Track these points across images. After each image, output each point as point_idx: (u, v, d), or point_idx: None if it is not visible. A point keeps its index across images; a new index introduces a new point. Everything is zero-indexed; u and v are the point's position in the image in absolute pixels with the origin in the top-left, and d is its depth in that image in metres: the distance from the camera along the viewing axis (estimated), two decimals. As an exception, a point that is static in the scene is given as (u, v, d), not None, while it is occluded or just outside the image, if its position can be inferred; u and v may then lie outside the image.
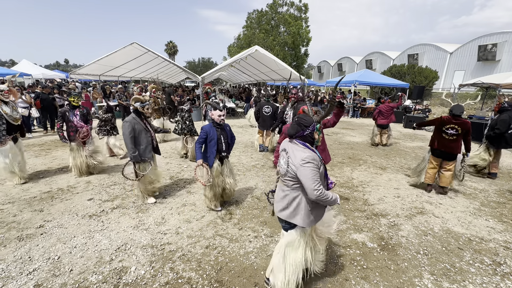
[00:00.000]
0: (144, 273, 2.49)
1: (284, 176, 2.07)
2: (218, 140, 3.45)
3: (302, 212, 2.05)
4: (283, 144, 2.18)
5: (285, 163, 2.04)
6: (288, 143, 2.11)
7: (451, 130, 4.16)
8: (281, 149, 2.18)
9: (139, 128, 3.61)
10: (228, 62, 13.92)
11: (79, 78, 13.57)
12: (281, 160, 2.12)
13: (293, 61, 29.34)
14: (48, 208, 3.62)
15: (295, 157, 1.95)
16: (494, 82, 9.50)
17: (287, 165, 2.01)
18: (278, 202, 2.17)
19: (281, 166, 2.10)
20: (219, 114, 3.43)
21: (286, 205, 2.08)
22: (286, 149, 2.09)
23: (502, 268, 2.72)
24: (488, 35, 19.19)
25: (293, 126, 2.07)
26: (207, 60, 53.50)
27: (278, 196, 2.19)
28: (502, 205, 4.21)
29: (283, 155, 2.10)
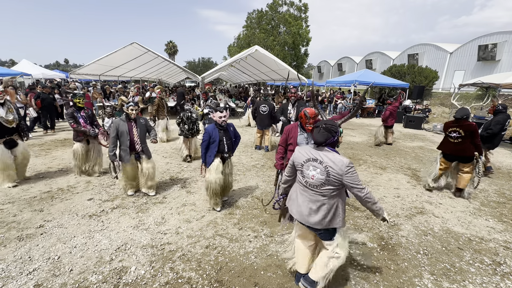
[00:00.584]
0: (144, 273, 2.49)
1: (320, 187, 1.98)
2: (220, 141, 3.45)
3: (341, 215, 2.05)
4: (307, 153, 2.06)
5: (321, 173, 1.94)
6: (317, 152, 2.01)
7: (453, 133, 4.17)
8: (303, 159, 2.05)
9: (122, 129, 3.72)
10: (228, 62, 13.92)
11: (79, 78, 13.55)
12: (310, 172, 2.00)
13: (293, 61, 29.33)
14: (48, 208, 3.62)
15: (336, 165, 1.89)
16: (494, 82, 9.50)
17: (327, 175, 1.92)
18: (312, 214, 2.04)
19: (314, 178, 1.98)
20: (219, 115, 3.41)
21: (325, 214, 2.01)
22: (317, 158, 1.98)
23: (502, 268, 2.72)
24: (488, 35, 19.18)
25: (322, 133, 1.97)
26: (207, 60, 53.52)
27: (308, 208, 2.06)
28: (502, 205, 4.22)
29: (315, 165, 1.98)
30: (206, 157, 3.50)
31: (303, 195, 2.12)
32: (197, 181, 4.79)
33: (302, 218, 2.10)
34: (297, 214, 2.14)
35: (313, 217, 2.04)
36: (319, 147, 2.02)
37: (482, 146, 5.33)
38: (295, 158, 2.14)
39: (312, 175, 1.99)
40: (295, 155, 2.14)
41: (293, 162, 2.18)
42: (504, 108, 5.12)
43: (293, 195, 2.23)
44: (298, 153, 2.12)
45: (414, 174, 5.52)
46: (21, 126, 4.35)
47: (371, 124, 12.25)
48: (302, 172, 2.07)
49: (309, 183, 2.04)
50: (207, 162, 3.50)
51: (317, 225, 2.03)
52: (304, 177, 2.07)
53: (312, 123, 3.02)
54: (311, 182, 2.02)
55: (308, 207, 2.06)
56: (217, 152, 3.49)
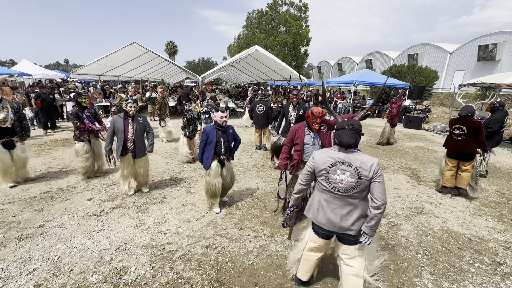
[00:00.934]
0: (144, 273, 2.49)
1: (351, 191, 1.87)
2: (217, 143, 3.41)
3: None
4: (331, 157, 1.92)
5: (351, 176, 1.85)
6: (344, 154, 1.90)
7: (457, 130, 4.16)
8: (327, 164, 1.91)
9: (118, 126, 3.78)
10: (228, 62, 13.92)
11: (79, 78, 13.55)
12: (338, 176, 1.88)
13: (293, 61, 29.33)
14: (48, 208, 3.62)
15: (366, 165, 1.82)
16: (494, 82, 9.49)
17: (358, 177, 1.83)
18: (344, 220, 1.93)
19: (344, 182, 1.87)
20: (221, 115, 3.38)
21: (358, 217, 1.92)
22: (345, 161, 1.87)
23: (502, 268, 2.72)
24: (488, 35, 19.19)
25: (351, 134, 1.87)
26: (207, 60, 53.50)
27: (339, 215, 1.94)
28: (502, 205, 4.21)
29: (343, 168, 1.87)
30: (203, 159, 3.50)
31: (330, 202, 1.98)
32: (197, 181, 4.79)
33: (334, 226, 1.97)
34: (326, 223, 2.00)
35: (346, 223, 1.93)
36: (347, 149, 1.91)
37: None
38: (316, 164, 1.97)
39: (340, 179, 1.88)
40: (317, 160, 1.98)
41: (313, 168, 2.00)
42: (501, 106, 5.15)
43: (315, 205, 2.07)
44: (320, 158, 1.96)
45: (414, 174, 5.52)
46: (22, 126, 4.29)
47: (371, 124, 12.25)
48: (327, 178, 1.93)
49: (337, 189, 1.91)
50: (205, 165, 3.49)
51: (352, 230, 1.93)
52: (330, 183, 1.92)
53: (319, 123, 3.02)
54: (340, 187, 1.89)
55: (339, 214, 1.94)
56: (214, 154, 3.45)
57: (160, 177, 4.90)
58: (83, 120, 4.45)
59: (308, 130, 3.13)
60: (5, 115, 3.94)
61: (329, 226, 1.99)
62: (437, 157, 6.89)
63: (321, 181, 1.99)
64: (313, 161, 2.01)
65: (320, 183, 2.01)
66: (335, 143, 1.98)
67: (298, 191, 2.21)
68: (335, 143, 1.98)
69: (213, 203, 3.64)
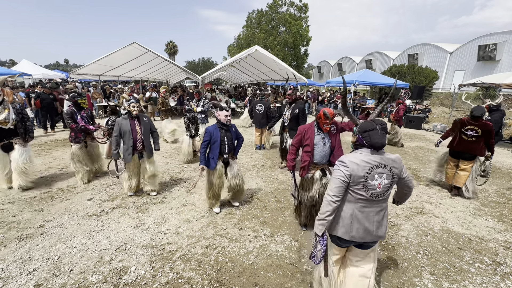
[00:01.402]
0: (144, 273, 2.49)
1: (385, 194, 1.82)
2: (222, 141, 3.39)
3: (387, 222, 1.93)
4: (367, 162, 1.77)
5: (387, 177, 1.78)
6: (377, 156, 1.80)
7: (470, 131, 4.12)
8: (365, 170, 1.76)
9: (124, 129, 3.68)
10: (228, 62, 13.93)
11: (79, 78, 13.56)
12: (376, 181, 1.77)
13: (293, 61, 29.34)
14: (48, 208, 3.62)
15: (396, 162, 1.81)
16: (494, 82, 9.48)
17: (392, 177, 1.80)
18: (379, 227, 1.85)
19: (381, 185, 1.77)
20: (225, 114, 3.36)
21: (387, 219, 1.91)
22: (381, 163, 1.78)
23: (502, 268, 2.72)
24: (488, 35, 19.19)
25: (383, 134, 1.80)
26: (207, 60, 53.48)
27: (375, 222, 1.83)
28: (502, 205, 4.21)
29: (380, 172, 1.77)
30: (207, 158, 3.42)
31: (365, 212, 1.82)
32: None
33: (370, 236, 1.85)
34: (363, 236, 1.84)
35: (381, 230, 1.86)
36: (378, 151, 1.82)
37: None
38: (353, 171, 1.76)
39: (378, 184, 1.77)
40: (353, 168, 1.76)
41: (349, 177, 1.77)
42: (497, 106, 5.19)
43: (346, 219, 1.85)
44: (356, 165, 1.77)
45: (414, 174, 5.52)
46: (25, 127, 4.08)
47: (371, 124, 12.23)
48: (366, 185, 1.77)
49: (375, 195, 1.78)
50: (210, 165, 3.41)
51: (384, 234, 1.89)
52: (368, 190, 1.77)
53: (330, 124, 2.99)
54: (377, 192, 1.78)
55: (375, 221, 1.84)
56: (219, 153, 3.42)
57: (160, 177, 4.89)
58: (76, 120, 4.34)
59: (318, 131, 3.05)
60: (5, 116, 3.80)
61: (365, 236, 1.84)
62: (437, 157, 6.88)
63: (356, 191, 1.79)
64: (348, 169, 1.77)
65: (354, 192, 1.79)
66: (365, 145, 1.83)
67: (331, 211, 1.82)
68: (365, 145, 1.83)
69: (214, 203, 3.63)
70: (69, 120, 4.33)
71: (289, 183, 4.80)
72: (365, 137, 1.81)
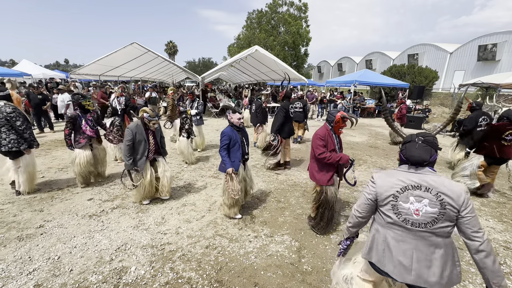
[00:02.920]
0: (144, 273, 2.49)
1: (432, 225, 1.42)
2: (242, 143, 3.30)
3: (458, 263, 1.47)
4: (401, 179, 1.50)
5: (430, 205, 1.41)
6: (418, 175, 1.47)
7: (510, 136, 4.07)
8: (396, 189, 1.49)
9: (140, 138, 3.52)
10: (228, 62, 13.93)
11: (79, 78, 13.55)
12: (412, 205, 1.44)
13: (293, 61, 29.34)
14: (48, 208, 3.62)
15: (452, 191, 1.39)
16: (494, 82, 9.50)
17: (441, 207, 1.40)
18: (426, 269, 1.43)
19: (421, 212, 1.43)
20: (238, 117, 3.29)
21: (444, 264, 1.42)
22: (421, 184, 1.44)
23: (502, 268, 2.72)
24: (488, 35, 19.19)
25: (424, 147, 1.47)
26: (207, 60, 53.49)
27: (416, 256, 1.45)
28: (502, 205, 4.21)
29: (419, 195, 1.44)
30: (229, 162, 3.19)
31: (402, 242, 1.49)
32: (197, 181, 4.79)
33: (408, 274, 1.46)
34: (398, 272, 1.49)
35: (427, 273, 1.42)
36: (418, 168, 1.49)
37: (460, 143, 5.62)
38: (380, 189, 1.54)
39: (415, 209, 1.43)
40: (379, 185, 1.55)
41: (375, 195, 1.57)
42: (478, 106, 5.39)
43: (380, 245, 1.58)
44: (385, 181, 1.54)
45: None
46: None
47: (371, 124, 12.25)
48: (396, 207, 1.49)
49: (411, 222, 1.45)
50: (235, 166, 3.22)
51: (436, 285, 1.41)
52: (400, 215, 1.48)
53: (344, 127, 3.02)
54: (414, 219, 1.44)
55: (414, 258, 1.45)
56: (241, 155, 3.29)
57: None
58: (78, 127, 4.14)
59: (333, 134, 3.03)
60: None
61: (402, 275, 1.48)
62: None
63: (386, 212, 1.54)
64: (374, 185, 1.58)
65: (385, 214, 1.55)
66: (402, 161, 1.56)
67: (354, 225, 1.74)
68: (402, 161, 1.56)
69: (236, 211, 3.46)
70: (68, 125, 4.08)
71: (289, 183, 4.80)
72: (402, 150, 1.56)
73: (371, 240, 1.65)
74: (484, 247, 1.35)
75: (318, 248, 2.93)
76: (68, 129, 4.10)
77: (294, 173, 5.38)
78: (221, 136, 3.22)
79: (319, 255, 2.82)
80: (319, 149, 2.91)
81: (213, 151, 6.81)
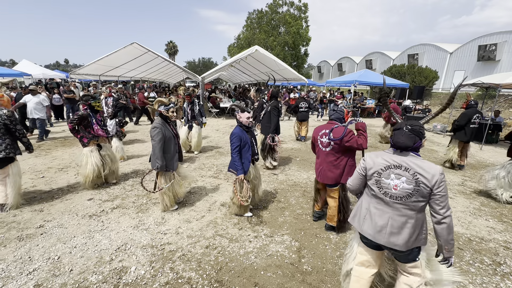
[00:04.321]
0: (144, 273, 2.49)
1: (407, 199, 1.69)
2: (251, 143, 3.25)
3: (425, 232, 1.78)
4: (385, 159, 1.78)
5: (407, 182, 1.68)
6: (400, 157, 1.74)
7: None
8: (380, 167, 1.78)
9: (169, 135, 3.37)
10: (228, 62, 13.92)
11: (79, 78, 13.55)
12: (392, 181, 1.73)
13: (293, 61, 29.34)
14: (48, 208, 3.62)
15: (428, 172, 1.62)
16: (494, 82, 9.47)
17: (416, 184, 1.65)
18: (395, 233, 1.74)
19: (398, 188, 1.70)
20: (247, 116, 3.22)
21: (411, 232, 1.72)
22: (401, 165, 1.71)
23: (502, 268, 2.72)
24: (488, 35, 19.18)
25: (409, 135, 1.71)
26: (207, 60, 53.47)
27: (389, 225, 1.75)
28: (502, 205, 4.21)
29: (398, 173, 1.71)
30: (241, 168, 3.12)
31: (379, 211, 1.81)
32: (197, 181, 4.79)
33: (381, 238, 1.78)
34: (372, 233, 1.82)
35: (396, 237, 1.73)
36: (402, 152, 1.75)
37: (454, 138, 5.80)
38: (368, 165, 1.84)
39: (394, 184, 1.72)
40: (368, 162, 1.85)
41: (365, 170, 1.87)
42: (475, 103, 5.56)
43: (363, 212, 1.91)
44: (372, 160, 1.83)
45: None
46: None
47: (371, 124, 12.24)
48: (379, 182, 1.78)
49: (390, 195, 1.74)
50: (245, 167, 3.17)
51: (403, 247, 1.72)
52: (381, 188, 1.77)
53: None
54: (393, 193, 1.73)
55: (389, 224, 1.75)
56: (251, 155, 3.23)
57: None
58: (86, 126, 4.09)
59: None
60: None
61: (376, 236, 1.80)
62: (437, 157, 6.89)
63: (371, 186, 1.84)
64: (364, 163, 1.88)
65: (370, 187, 1.86)
66: (391, 145, 1.82)
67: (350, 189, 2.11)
68: (391, 145, 1.82)
69: (246, 208, 3.47)
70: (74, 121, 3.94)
71: (289, 183, 4.80)
72: (391, 136, 1.82)
73: (356, 208, 2.00)
74: (445, 221, 1.62)
75: (318, 248, 2.93)
76: (71, 124, 3.96)
77: (294, 173, 5.38)
78: (231, 137, 3.16)
79: (319, 255, 2.82)
80: (358, 141, 2.81)
81: (213, 151, 6.81)
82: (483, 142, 8.47)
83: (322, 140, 3.00)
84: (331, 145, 2.91)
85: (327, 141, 2.95)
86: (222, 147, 7.24)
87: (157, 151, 3.25)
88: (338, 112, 3.02)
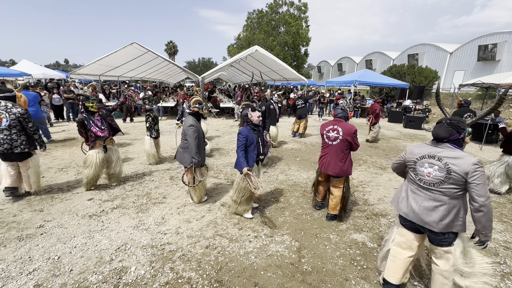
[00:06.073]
0: (144, 273, 2.49)
1: (439, 185, 1.88)
2: (257, 143, 3.30)
3: (462, 219, 1.90)
4: (422, 150, 2.01)
5: (439, 170, 1.87)
6: (435, 148, 1.95)
7: None
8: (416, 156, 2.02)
9: (201, 132, 3.56)
10: (228, 62, 13.92)
11: (79, 78, 13.55)
12: (425, 169, 1.94)
13: (293, 61, 29.34)
14: (48, 208, 3.62)
15: (460, 162, 1.79)
16: (494, 82, 9.48)
17: (447, 173, 1.83)
18: (426, 212, 1.93)
19: (431, 175, 1.91)
20: (258, 115, 3.28)
21: (443, 215, 1.87)
22: (435, 155, 1.91)
23: (502, 268, 2.72)
24: (488, 35, 19.16)
25: (445, 128, 1.89)
26: (207, 60, 53.48)
27: (422, 206, 1.96)
28: (502, 205, 4.21)
29: (432, 162, 1.91)
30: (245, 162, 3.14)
31: (415, 194, 2.04)
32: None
33: (414, 216, 1.99)
34: (407, 212, 2.04)
35: (427, 216, 1.93)
36: (439, 143, 1.94)
37: None
38: (407, 155, 2.11)
39: (427, 172, 1.93)
40: (407, 152, 2.12)
41: (404, 158, 2.16)
42: (466, 103, 5.79)
43: (402, 194, 2.16)
44: (411, 151, 2.09)
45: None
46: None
47: (371, 124, 12.23)
48: (415, 169, 2.02)
49: (423, 181, 1.97)
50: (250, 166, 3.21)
51: (433, 225, 1.90)
52: (417, 175, 2.01)
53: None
54: (426, 180, 1.94)
55: (421, 205, 1.96)
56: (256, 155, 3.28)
57: (160, 177, 4.90)
58: (88, 129, 4.02)
59: None
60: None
61: (410, 214, 2.02)
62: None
63: (410, 172, 2.10)
64: (405, 153, 2.17)
65: (409, 173, 2.11)
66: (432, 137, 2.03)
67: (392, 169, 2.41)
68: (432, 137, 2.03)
69: (247, 208, 3.48)
70: (81, 129, 4.01)
71: (289, 183, 4.80)
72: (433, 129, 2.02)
73: (398, 191, 2.24)
74: (483, 209, 1.75)
75: (318, 248, 2.93)
76: (83, 133, 4.05)
77: (294, 173, 5.38)
78: (238, 136, 3.23)
79: (319, 255, 2.82)
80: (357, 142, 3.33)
81: (213, 151, 6.81)
82: (483, 142, 8.46)
83: (329, 135, 3.32)
84: (339, 139, 3.25)
85: (334, 135, 3.27)
86: (222, 147, 7.24)
87: (194, 148, 3.44)
88: (344, 111, 3.37)
